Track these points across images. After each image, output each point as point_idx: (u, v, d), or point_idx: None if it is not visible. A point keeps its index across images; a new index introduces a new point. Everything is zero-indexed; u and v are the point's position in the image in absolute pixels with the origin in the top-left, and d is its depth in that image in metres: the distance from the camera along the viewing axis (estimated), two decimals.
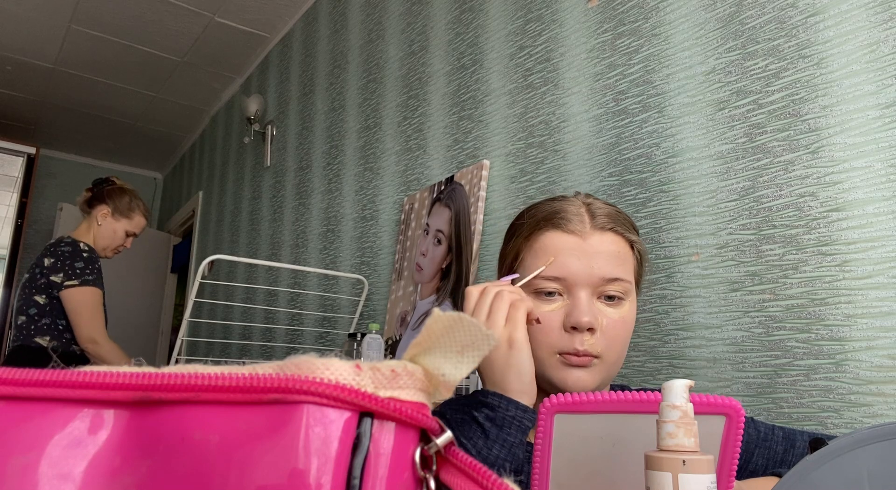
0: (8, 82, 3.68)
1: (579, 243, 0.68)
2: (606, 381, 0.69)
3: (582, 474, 0.46)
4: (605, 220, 0.69)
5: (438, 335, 0.24)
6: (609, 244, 0.68)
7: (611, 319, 0.67)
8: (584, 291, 0.67)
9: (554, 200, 0.74)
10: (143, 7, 2.93)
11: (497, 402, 0.61)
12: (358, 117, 2.27)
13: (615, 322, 0.67)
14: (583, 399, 0.45)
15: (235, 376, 0.22)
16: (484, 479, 0.23)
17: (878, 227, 0.82)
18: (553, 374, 0.67)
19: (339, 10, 2.52)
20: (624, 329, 0.68)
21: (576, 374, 0.66)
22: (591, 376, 0.67)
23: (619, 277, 0.67)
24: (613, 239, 0.69)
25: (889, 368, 0.79)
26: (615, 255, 0.68)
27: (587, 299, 0.67)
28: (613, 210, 0.72)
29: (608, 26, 1.28)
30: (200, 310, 3.29)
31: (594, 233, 0.69)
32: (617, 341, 0.67)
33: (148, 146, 4.69)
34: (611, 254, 0.68)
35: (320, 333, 2.27)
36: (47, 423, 0.22)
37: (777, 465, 0.68)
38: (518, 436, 0.61)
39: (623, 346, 0.69)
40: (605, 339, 0.66)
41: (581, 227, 0.69)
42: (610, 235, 0.69)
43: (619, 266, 0.68)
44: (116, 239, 2.19)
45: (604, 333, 0.66)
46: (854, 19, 0.88)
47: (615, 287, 0.67)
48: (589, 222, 0.69)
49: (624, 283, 0.68)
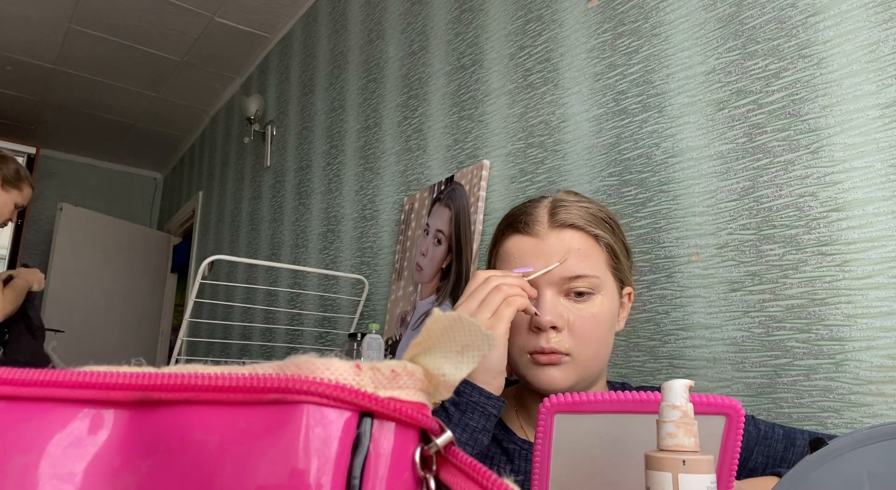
0: (8, 82, 3.68)
1: (537, 244, 0.69)
2: (585, 377, 0.69)
3: (582, 474, 0.46)
4: (564, 217, 0.70)
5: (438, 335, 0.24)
6: (569, 241, 0.69)
7: (579, 316, 0.67)
8: (548, 291, 0.67)
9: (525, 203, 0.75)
10: (143, 7, 2.93)
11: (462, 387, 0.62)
12: (358, 117, 2.27)
13: (584, 319, 0.67)
14: (583, 399, 0.45)
15: (235, 376, 0.22)
16: (484, 479, 0.23)
17: (878, 227, 0.82)
18: (527, 374, 0.68)
19: (339, 10, 2.52)
20: (595, 325, 0.68)
21: (547, 372, 0.67)
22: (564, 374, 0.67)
23: (580, 274, 0.67)
24: (573, 235, 0.69)
25: (889, 368, 0.79)
26: (575, 253, 0.68)
27: (551, 298, 0.67)
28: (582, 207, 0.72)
29: (608, 26, 1.28)
30: (200, 310, 3.29)
31: (551, 232, 0.69)
32: (588, 338, 0.67)
33: (148, 146, 4.69)
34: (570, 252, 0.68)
35: (320, 333, 2.27)
36: (47, 423, 0.22)
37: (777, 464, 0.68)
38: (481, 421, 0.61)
39: (598, 341, 0.68)
40: (573, 337, 0.67)
41: (539, 228, 0.69)
42: (569, 232, 0.69)
43: (580, 262, 0.68)
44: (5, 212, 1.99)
45: (572, 331, 0.67)
46: (854, 19, 0.88)
47: (581, 283, 0.67)
48: (547, 222, 0.70)
49: (590, 279, 0.68)
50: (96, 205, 4.51)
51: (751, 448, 0.69)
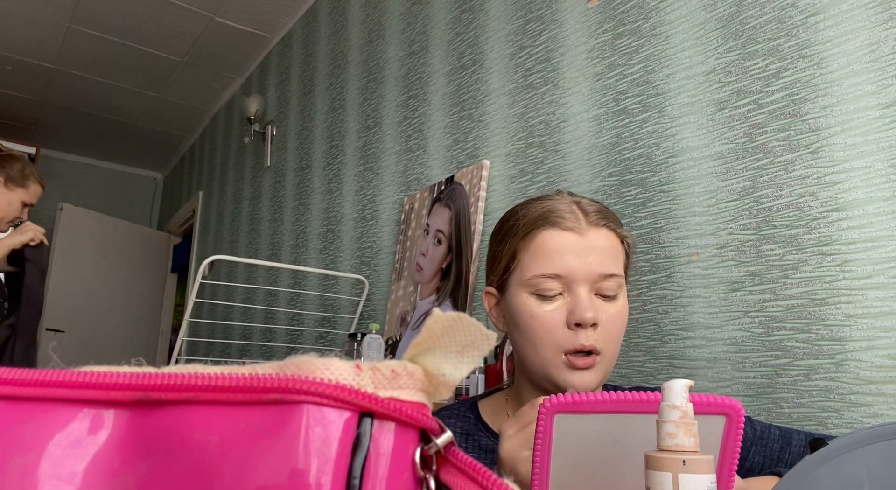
0: (8, 82, 3.68)
1: (577, 240, 0.69)
2: (605, 377, 0.70)
3: (582, 474, 0.46)
4: (597, 217, 0.70)
5: (438, 335, 0.24)
6: (604, 239, 0.69)
7: (609, 314, 0.68)
8: (583, 288, 0.67)
9: (542, 200, 0.74)
10: (143, 7, 2.93)
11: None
12: (358, 117, 2.27)
13: (613, 316, 0.68)
14: (583, 399, 0.45)
15: (235, 376, 0.22)
16: (484, 480, 0.23)
17: (878, 227, 0.82)
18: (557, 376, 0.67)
19: (339, 10, 2.52)
20: (621, 323, 0.70)
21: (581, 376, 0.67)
22: (595, 376, 0.68)
23: (614, 273, 0.68)
24: (607, 235, 0.70)
25: (889, 368, 0.79)
26: (610, 251, 0.69)
27: (587, 295, 0.67)
28: (601, 206, 0.73)
29: (608, 26, 1.28)
30: (200, 310, 3.29)
31: (590, 229, 0.69)
32: (615, 335, 0.69)
33: (148, 146, 4.69)
34: (606, 249, 0.69)
35: (320, 333, 2.27)
36: (47, 423, 0.22)
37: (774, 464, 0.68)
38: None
39: (619, 340, 0.70)
40: (605, 335, 0.67)
41: (577, 224, 0.69)
42: (604, 231, 0.70)
43: (614, 262, 0.69)
44: (12, 210, 1.98)
45: (604, 328, 0.67)
46: (854, 19, 0.88)
47: (611, 283, 0.68)
48: (584, 219, 0.70)
49: (618, 279, 0.69)
50: (96, 205, 4.51)
51: (747, 448, 0.69)
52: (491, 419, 0.75)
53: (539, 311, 0.68)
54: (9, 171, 1.97)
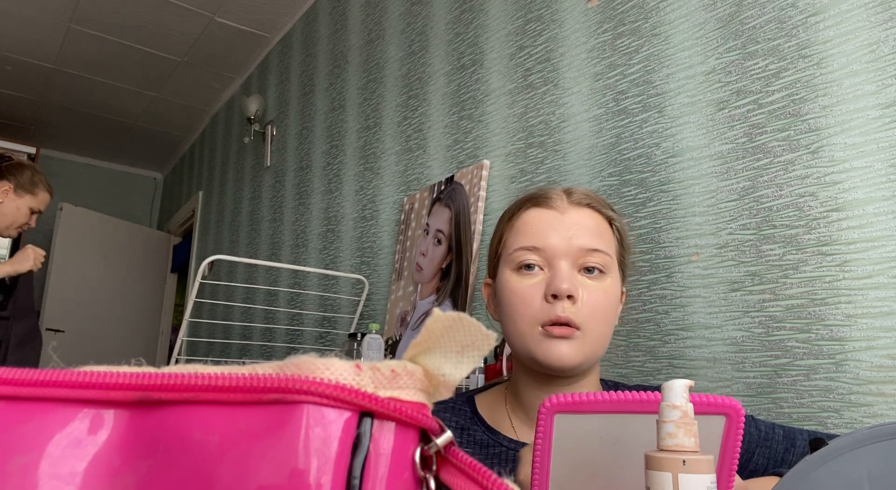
0: (8, 82, 3.68)
1: (557, 216, 0.70)
2: (589, 358, 0.68)
3: (582, 474, 0.46)
4: (581, 197, 0.72)
5: (438, 335, 0.24)
6: (587, 218, 0.71)
7: (591, 291, 0.68)
8: (564, 262, 0.68)
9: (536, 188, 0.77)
10: (143, 7, 2.93)
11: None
12: (358, 117, 2.27)
13: (596, 293, 0.68)
14: (583, 399, 0.45)
15: (235, 376, 0.22)
16: (484, 480, 0.23)
17: (878, 227, 0.82)
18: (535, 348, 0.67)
19: (339, 10, 2.52)
20: (605, 302, 0.68)
21: (558, 346, 0.66)
22: (573, 349, 0.66)
23: (597, 248, 0.68)
24: (591, 214, 0.71)
25: (889, 368, 0.79)
26: (593, 228, 0.70)
27: (568, 268, 0.68)
28: (592, 193, 0.74)
29: (608, 26, 1.28)
30: (200, 310, 3.29)
31: (571, 207, 0.71)
32: (598, 314, 0.67)
33: (148, 146, 4.69)
34: (588, 226, 0.70)
35: (320, 333, 2.27)
36: (47, 423, 0.22)
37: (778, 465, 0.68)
38: None
39: (605, 320, 0.69)
40: (585, 311, 0.67)
41: (559, 203, 0.71)
42: (587, 211, 0.71)
43: (597, 238, 0.69)
44: (20, 216, 2.06)
45: (585, 304, 0.67)
46: (854, 19, 0.88)
47: (595, 258, 0.68)
48: (566, 199, 0.72)
49: (603, 255, 0.69)
50: (96, 205, 4.51)
51: (752, 450, 0.69)
52: (487, 413, 0.74)
53: (519, 285, 0.69)
54: (18, 178, 2.03)
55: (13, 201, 2.03)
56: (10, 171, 2.04)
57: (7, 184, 2.02)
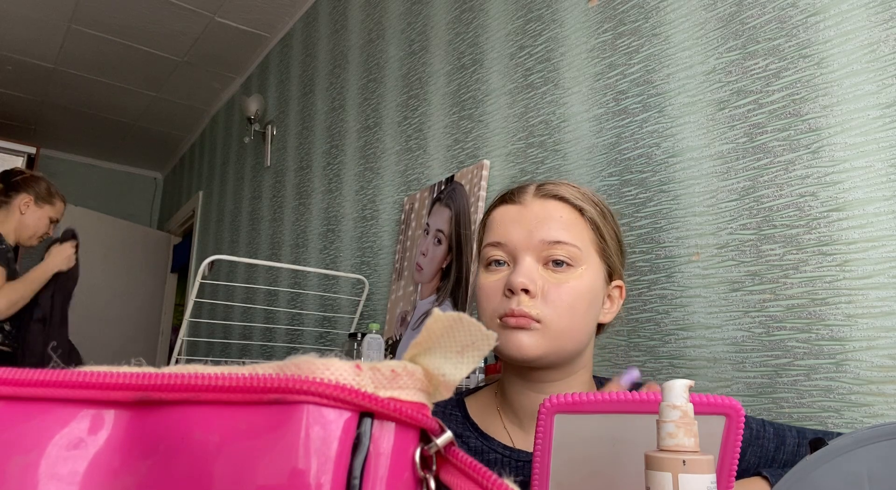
0: (8, 82, 3.68)
1: (519, 210, 0.70)
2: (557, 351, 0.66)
3: (582, 474, 0.46)
4: (551, 188, 0.71)
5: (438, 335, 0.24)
6: (552, 210, 0.69)
7: (555, 285, 0.66)
8: (527, 256, 0.67)
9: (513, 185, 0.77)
10: (143, 7, 2.93)
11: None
12: (358, 117, 2.27)
13: (559, 288, 0.66)
14: (583, 399, 0.45)
15: (235, 376, 0.22)
16: (484, 480, 0.23)
17: (878, 226, 0.82)
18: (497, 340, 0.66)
19: (339, 10, 2.52)
20: (571, 296, 0.66)
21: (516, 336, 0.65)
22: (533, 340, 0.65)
23: (561, 240, 0.67)
24: (557, 205, 0.70)
25: (889, 368, 0.79)
26: (557, 220, 0.68)
27: (529, 264, 0.67)
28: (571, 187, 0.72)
29: (608, 26, 1.28)
30: (200, 310, 3.29)
31: (535, 200, 0.70)
32: (562, 308, 0.65)
33: (148, 146, 4.69)
34: (552, 218, 0.68)
35: (320, 333, 2.27)
36: (47, 423, 0.22)
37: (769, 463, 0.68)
38: None
39: (572, 314, 0.66)
40: (546, 304, 0.65)
41: (525, 197, 0.71)
42: (553, 202, 0.70)
43: (561, 230, 0.67)
44: (41, 227, 2.16)
45: (545, 298, 0.65)
46: (854, 19, 0.88)
47: (560, 251, 0.67)
48: (532, 193, 0.71)
49: (569, 247, 0.67)
50: (96, 205, 4.51)
51: (744, 449, 0.69)
52: (479, 417, 0.73)
53: (485, 281, 0.69)
54: (36, 189, 2.15)
55: (34, 213, 2.14)
56: (27, 184, 2.15)
57: (27, 196, 2.13)
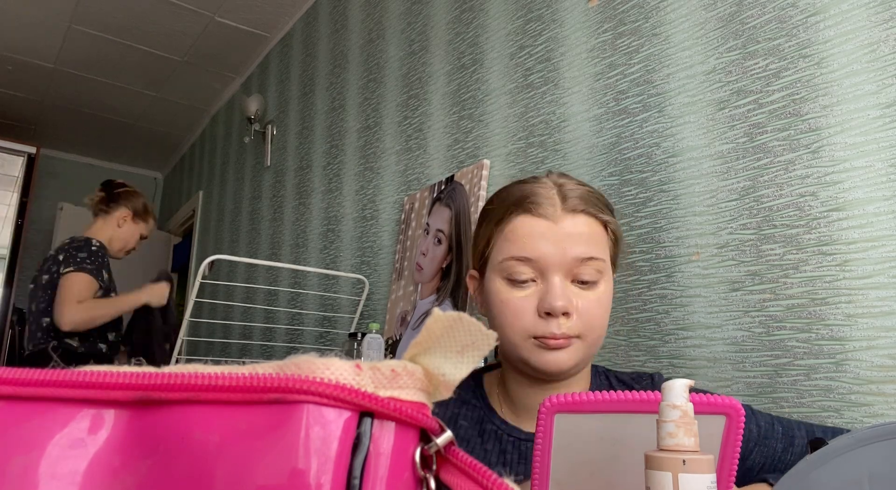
0: (8, 82, 3.68)
1: (550, 227, 0.67)
2: (587, 358, 0.68)
3: (582, 474, 0.46)
4: (576, 202, 0.68)
5: (438, 335, 0.24)
6: (581, 226, 0.68)
7: (587, 301, 0.66)
8: (557, 275, 0.66)
9: (525, 183, 0.72)
10: (143, 7, 2.93)
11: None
12: (358, 117, 2.27)
13: (591, 303, 0.66)
14: (583, 399, 0.45)
15: (235, 376, 0.22)
16: (484, 479, 0.23)
17: (878, 226, 0.82)
18: (530, 357, 0.66)
19: (339, 10, 2.52)
20: (601, 309, 0.67)
21: (555, 355, 0.65)
22: (571, 355, 0.66)
23: (593, 256, 0.66)
24: (586, 221, 0.68)
25: (889, 368, 0.79)
26: (588, 236, 0.67)
27: (561, 283, 0.66)
28: (586, 191, 0.71)
29: (608, 26, 1.28)
30: (200, 309, 3.29)
31: (565, 216, 0.68)
32: (596, 322, 0.67)
33: (148, 146, 4.69)
34: (583, 235, 0.67)
35: (320, 333, 2.27)
36: (48, 423, 0.22)
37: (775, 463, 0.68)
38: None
39: (602, 324, 0.68)
40: (581, 322, 0.66)
41: (552, 211, 0.68)
42: (582, 217, 0.68)
43: (592, 246, 0.67)
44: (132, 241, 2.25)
45: (580, 316, 0.66)
46: (854, 19, 0.88)
47: (589, 269, 0.66)
48: (560, 205, 0.68)
49: (598, 262, 0.67)
50: None
51: (750, 448, 0.69)
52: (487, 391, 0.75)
53: (510, 296, 0.67)
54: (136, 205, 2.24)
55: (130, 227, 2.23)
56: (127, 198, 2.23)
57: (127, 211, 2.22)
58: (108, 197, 2.22)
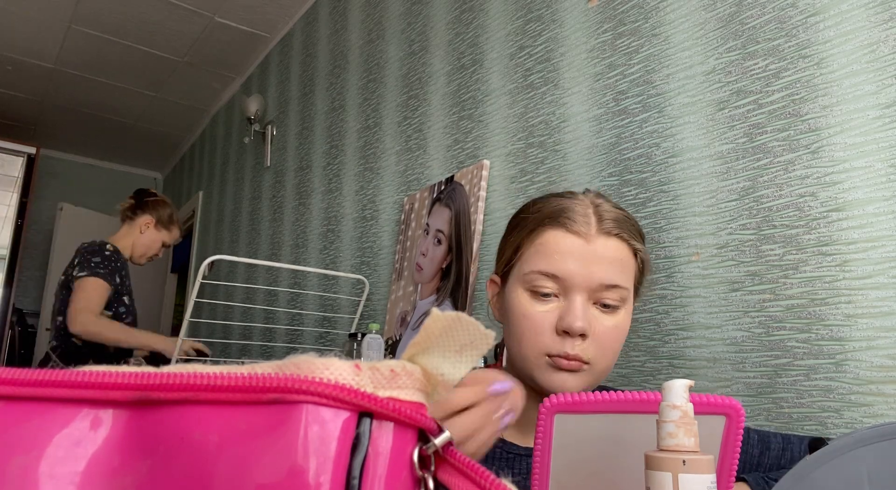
0: (8, 82, 3.68)
1: (583, 246, 0.66)
2: (593, 386, 0.68)
3: (582, 474, 0.46)
4: (611, 225, 0.67)
5: (437, 335, 0.24)
6: (613, 250, 0.66)
7: (604, 327, 0.66)
8: (580, 295, 0.65)
9: (562, 197, 0.71)
10: (143, 7, 2.93)
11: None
12: (358, 117, 2.27)
13: (609, 329, 0.66)
14: (583, 399, 0.45)
15: (235, 376, 0.22)
16: (482, 479, 0.23)
17: (878, 227, 0.82)
18: (538, 375, 0.66)
19: (339, 10, 2.52)
20: (617, 337, 0.67)
21: (563, 378, 0.65)
22: (577, 381, 0.65)
23: (618, 284, 0.66)
24: (618, 245, 0.67)
25: (889, 368, 0.79)
26: (617, 262, 0.66)
27: (583, 304, 0.65)
28: (622, 215, 0.70)
29: (608, 26, 1.28)
30: (200, 310, 3.29)
31: (599, 237, 0.66)
32: (609, 349, 0.66)
33: (148, 146, 4.69)
34: (613, 260, 0.66)
35: (320, 333, 2.27)
36: (47, 423, 0.22)
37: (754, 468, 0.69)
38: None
39: (614, 354, 0.68)
40: (596, 346, 0.65)
41: (586, 230, 0.66)
42: (615, 241, 0.67)
43: (619, 273, 0.66)
44: (153, 248, 2.29)
45: (595, 340, 0.65)
46: (854, 19, 0.88)
47: (613, 295, 0.66)
48: (595, 225, 0.67)
49: (622, 291, 0.66)
50: (96, 205, 4.51)
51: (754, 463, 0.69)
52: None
53: (531, 310, 0.67)
54: (160, 213, 2.28)
55: (152, 234, 2.27)
56: (153, 207, 2.28)
57: (150, 218, 2.26)
58: (137, 204, 2.27)
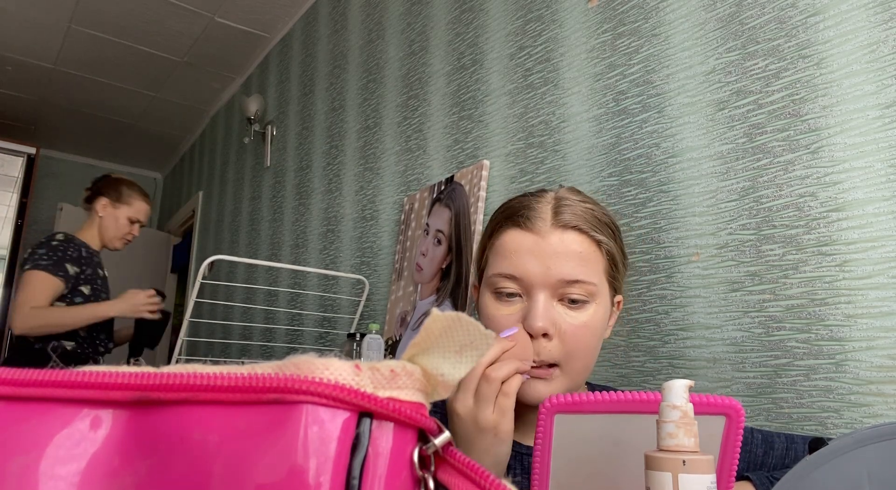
0: (8, 82, 3.68)
1: (537, 242, 0.64)
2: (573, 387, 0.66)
3: (582, 474, 0.46)
4: (569, 218, 0.65)
5: (437, 335, 0.24)
6: (570, 244, 0.64)
7: (571, 325, 0.63)
8: (542, 293, 0.63)
9: (525, 196, 0.70)
10: (143, 7, 2.93)
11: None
12: (358, 117, 2.27)
13: (576, 327, 0.63)
14: (583, 399, 0.45)
15: (234, 376, 0.22)
16: (482, 480, 0.23)
17: (878, 227, 0.82)
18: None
19: (339, 10, 2.53)
20: (587, 335, 0.64)
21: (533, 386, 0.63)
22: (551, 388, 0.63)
23: (579, 279, 0.63)
24: (576, 238, 0.65)
25: (889, 368, 0.79)
26: (576, 256, 0.64)
27: (545, 302, 0.63)
28: (586, 208, 0.67)
29: (608, 26, 1.28)
30: (200, 310, 3.29)
31: (554, 231, 0.65)
32: (579, 348, 0.63)
33: (148, 146, 4.69)
34: (571, 254, 0.64)
35: (320, 333, 2.27)
36: (47, 423, 0.22)
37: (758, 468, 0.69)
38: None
39: (587, 352, 0.65)
40: (564, 346, 0.63)
41: (541, 225, 0.65)
42: (572, 234, 0.65)
43: (579, 267, 0.63)
44: (121, 227, 2.19)
45: (563, 339, 0.63)
46: (854, 19, 0.88)
47: (576, 290, 0.63)
48: (550, 220, 0.65)
49: (586, 286, 0.64)
50: None
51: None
52: None
53: (496, 313, 0.65)
54: (112, 191, 2.19)
55: (111, 214, 2.18)
56: (105, 188, 2.20)
57: (104, 199, 2.18)
58: (91, 194, 2.19)
